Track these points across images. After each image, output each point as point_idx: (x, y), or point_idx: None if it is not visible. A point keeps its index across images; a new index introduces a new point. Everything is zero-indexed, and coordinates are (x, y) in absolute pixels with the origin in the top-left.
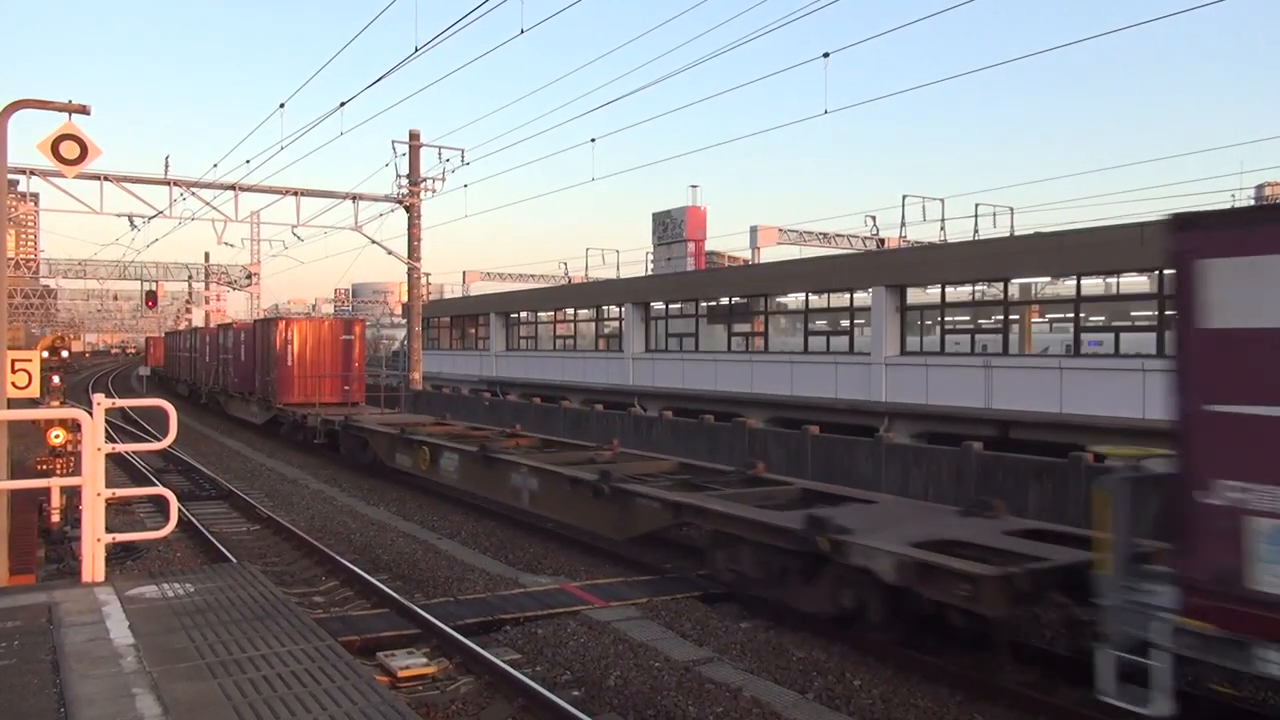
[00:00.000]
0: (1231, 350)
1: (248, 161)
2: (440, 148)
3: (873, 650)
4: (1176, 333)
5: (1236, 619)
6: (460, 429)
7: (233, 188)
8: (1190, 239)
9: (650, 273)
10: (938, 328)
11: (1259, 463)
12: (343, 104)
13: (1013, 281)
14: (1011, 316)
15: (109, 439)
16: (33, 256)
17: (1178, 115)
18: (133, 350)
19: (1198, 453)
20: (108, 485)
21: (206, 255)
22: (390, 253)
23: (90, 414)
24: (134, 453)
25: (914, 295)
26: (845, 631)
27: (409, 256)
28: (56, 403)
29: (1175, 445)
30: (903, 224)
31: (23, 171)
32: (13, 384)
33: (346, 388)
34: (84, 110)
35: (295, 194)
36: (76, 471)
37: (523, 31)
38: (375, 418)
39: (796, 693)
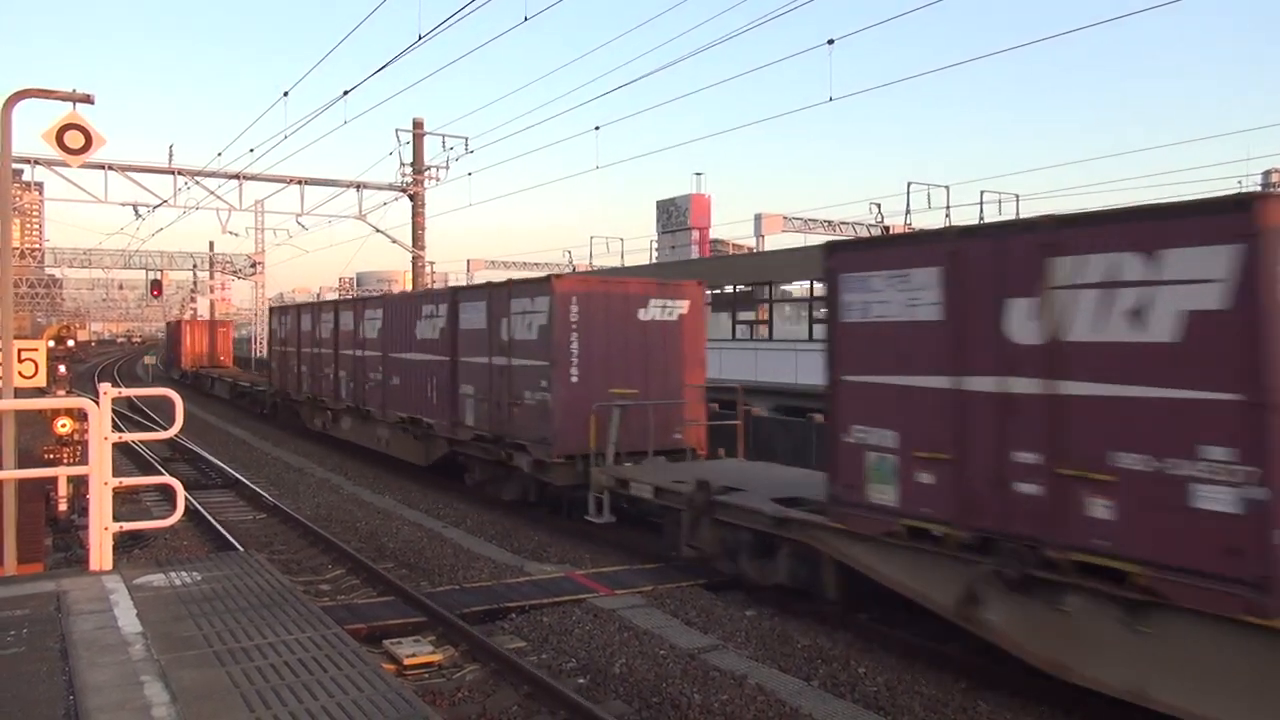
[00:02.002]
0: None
1: (252, 150)
2: (444, 136)
3: (877, 637)
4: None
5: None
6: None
7: (237, 176)
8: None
9: (654, 260)
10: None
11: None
12: (346, 92)
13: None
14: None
15: (115, 428)
16: (38, 246)
17: (1186, 101)
18: (138, 340)
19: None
20: (114, 474)
21: (211, 244)
22: (395, 241)
23: (97, 403)
24: (140, 441)
25: None
26: (851, 616)
27: (413, 245)
28: (62, 392)
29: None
30: (908, 211)
31: (27, 161)
32: (19, 373)
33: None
34: (88, 99)
35: (299, 183)
36: (83, 460)
37: (527, 19)
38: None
39: (801, 680)
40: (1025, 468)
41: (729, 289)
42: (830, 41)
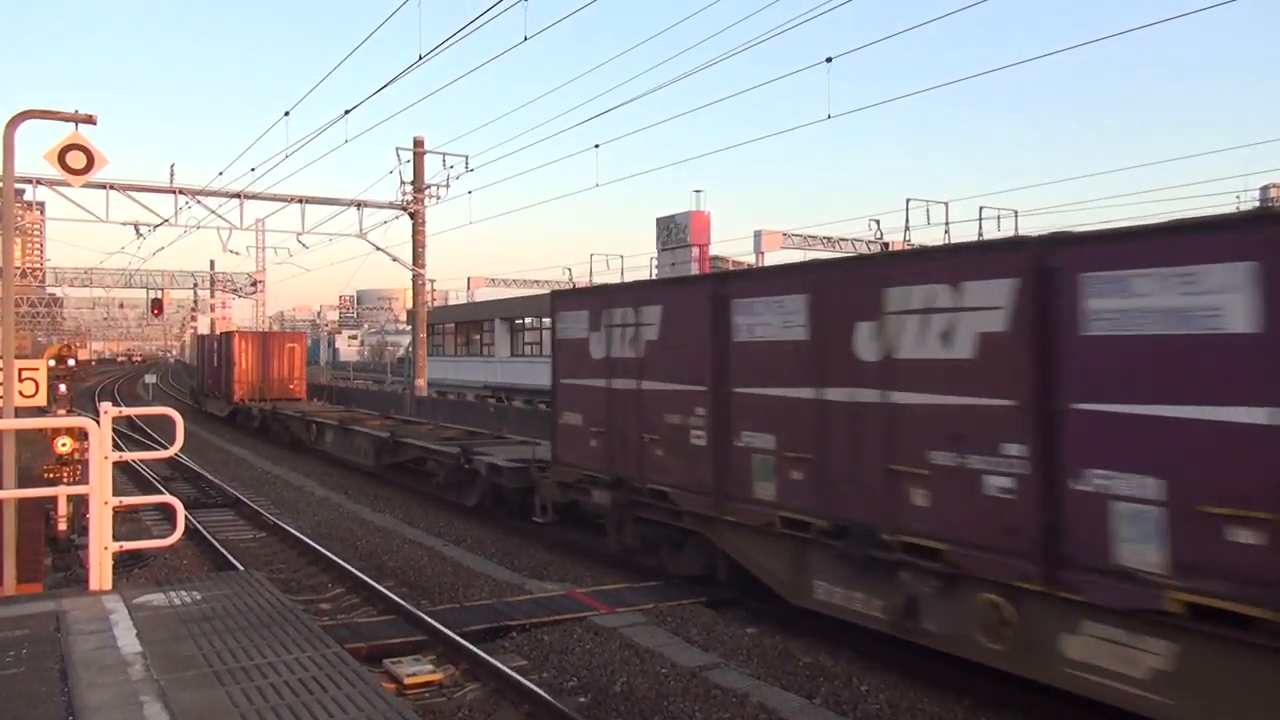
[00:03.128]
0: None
1: (253, 169)
2: (444, 154)
3: (880, 655)
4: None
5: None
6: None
7: (238, 195)
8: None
9: (654, 278)
10: None
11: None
12: (347, 112)
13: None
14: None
15: (115, 447)
16: (39, 265)
17: (1184, 117)
18: (139, 359)
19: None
20: (114, 493)
21: (212, 263)
22: (395, 259)
23: (97, 422)
24: (141, 461)
25: None
26: (847, 635)
27: (413, 263)
28: (63, 411)
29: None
30: (907, 227)
31: (29, 180)
32: (20, 393)
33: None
34: (90, 120)
35: (300, 201)
36: (83, 480)
37: (526, 38)
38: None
39: (803, 698)
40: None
41: None
42: (829, 60)
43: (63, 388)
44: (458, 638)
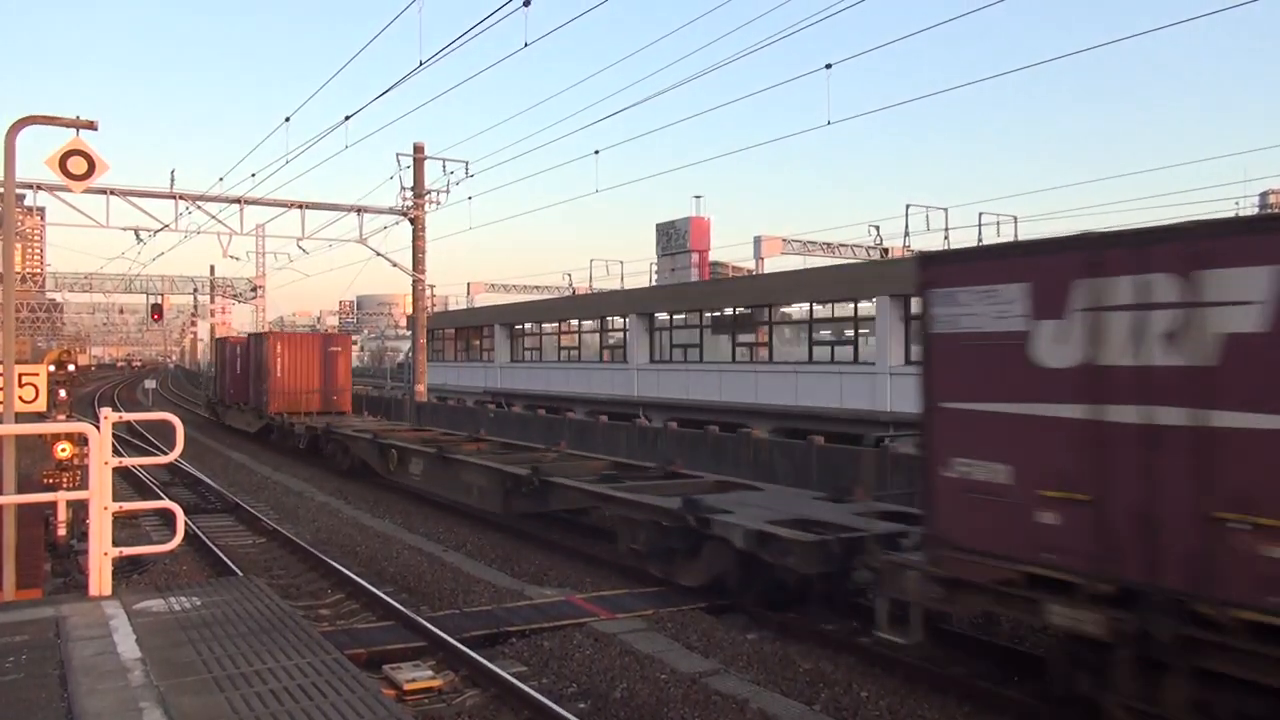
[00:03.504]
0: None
1: (253, 175)
2: (445, 160)
3: (880, 661)
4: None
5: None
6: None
7: (238, 201)
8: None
9: (654, 284)
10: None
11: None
12: (348, 118)
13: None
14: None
15: (115, 452)
16: (39, 270)
17: (1183, 123)
18: (138, 364)
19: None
20: (114, 498)
21: (212, 268)
22: (395, 265)
23: (97, 428)
24: (140, 466)
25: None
26: (847, 637)
27: (413, 269)
28: (63, 416)
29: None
30: (906, 233)
31: (30, 186)
32: (20, 398)
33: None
34: (92, 126)
35: (300, 207)
36: (83, 485)
37: (527, 44)
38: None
39: (803, 704)
40: None
41: (729, 311)
42: (828, 66)
43: (63, 393)
44: (457, 644)
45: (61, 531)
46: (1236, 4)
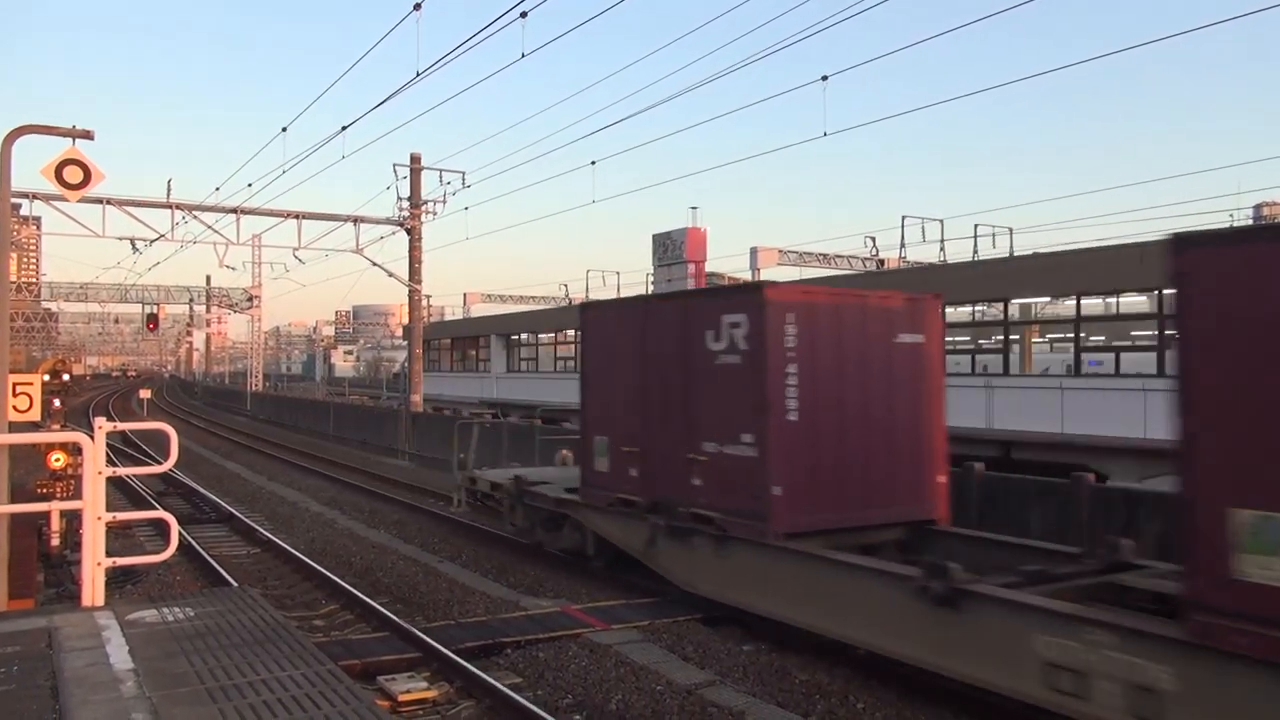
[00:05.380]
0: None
1: (250, 185)
2: (441, 170)
3: (876, 672)
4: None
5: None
6: None
7: (234, 211)
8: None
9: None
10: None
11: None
12: (344, 128)
13: (1012, 302)
14: (1012, 336)
15: (109, 462)
16: (34, 280)
17: (1177, 136)
18: (134, 374)
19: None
20: (108, 508)
21: (208, 278)
22: (391, 275)
23: (91, 437)
24: (134, 476)
25: None
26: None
27: (410, 279)
28: (57, 426)
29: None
30: (902, 244)
31: (25, 195)
32: (14, 407)
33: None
34: (88, 135)
35: (297, 217)
36: (76, 495)
37: (524, 55)
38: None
39: (800, 716)
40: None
41: None
42: (824, 77)
43: (57, 403)
44: (452, 655)
45: (55, 541)
46: (1232, 17)
